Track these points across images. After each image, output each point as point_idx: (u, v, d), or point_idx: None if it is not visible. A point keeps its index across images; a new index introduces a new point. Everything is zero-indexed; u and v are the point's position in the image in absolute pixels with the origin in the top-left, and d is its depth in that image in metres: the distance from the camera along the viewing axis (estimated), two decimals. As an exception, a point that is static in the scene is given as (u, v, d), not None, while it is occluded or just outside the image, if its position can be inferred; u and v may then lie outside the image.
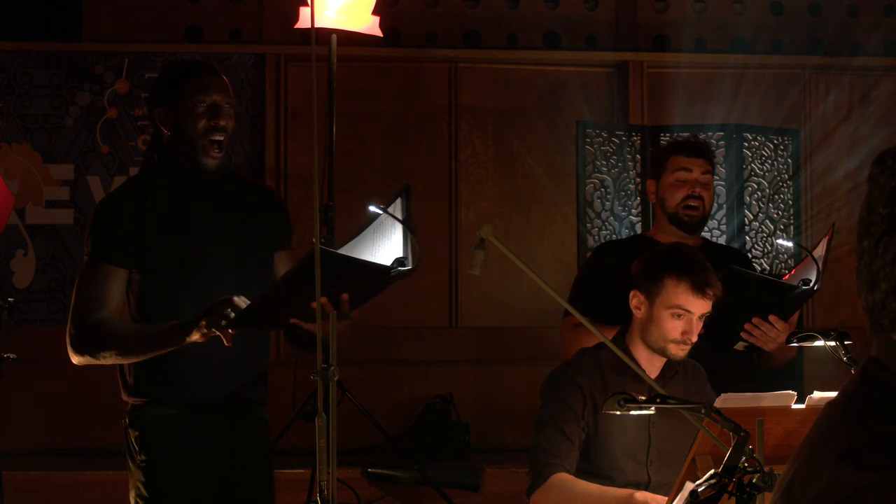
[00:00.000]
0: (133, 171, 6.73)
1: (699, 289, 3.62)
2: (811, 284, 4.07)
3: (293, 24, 5.59)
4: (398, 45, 7.06)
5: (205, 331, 3.36)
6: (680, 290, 3.62)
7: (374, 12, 5.42)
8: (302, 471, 5.23)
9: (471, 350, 6.77)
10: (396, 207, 3.45)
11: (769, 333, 4.13)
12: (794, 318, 4.19)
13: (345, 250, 3.41)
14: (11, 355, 4.56)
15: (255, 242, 3.69)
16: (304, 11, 5.39)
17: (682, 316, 3.64)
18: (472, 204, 6.92)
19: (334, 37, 5.27)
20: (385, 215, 3.43)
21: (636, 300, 3.70)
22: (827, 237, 4.22)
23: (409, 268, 3.35)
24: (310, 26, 3.51)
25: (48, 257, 6.71)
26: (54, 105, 6.76)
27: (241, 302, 3.33)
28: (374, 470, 5.65)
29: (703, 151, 4.46)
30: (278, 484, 3.84)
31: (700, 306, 3.64)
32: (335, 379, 3.28)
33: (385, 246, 3.41)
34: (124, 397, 3.67)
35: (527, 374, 6.19)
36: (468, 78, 6.99)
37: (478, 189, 6.95)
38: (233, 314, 3.32)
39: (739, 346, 4.19)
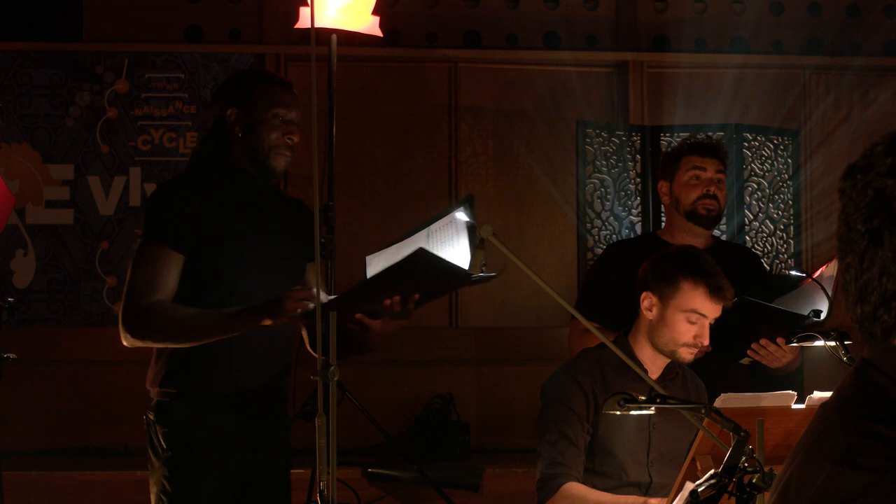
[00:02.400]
0: (133, 171, 6.73)
1: (715, 293, 3.62)
2: (821, 316, 4.09)
3: (293, 24, 5.59)
4: (398, 45, 7.06)
5: (277, 318, 3.41)
6: (697, 294, 3.62)
7: (374, 12, 5.42)
8: (302, 471, 5.22)
9: (471, 350, 6.76)
10: (460, 216, 3.50)
11: (775, 354, 4.15)
12: None
13: (396, 248, 3.46)
14: (11, 355, 4.55)
15: (294, 251, 3.76)
16: (304, 11, 5.39)
17: (697, 320, 3.64)
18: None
19: (334, 37, 5.27)
20: (444, 221, 3.48)
21: (648, 301, 3.69)
22: (836, 259, 4.23)
23: (491, 274, 3.41)
24: (310, 26, 3.51)
25: (48, 257, 6.71)
26: (54, 105, 6.76)
27: (321, 294, 3.39)
28: (374, 470, 5.65)
29: (716, 151, 4.50)
30: (278, 484, 3.85)
31: (714, 311, 3.65)
32: (335, 379, 3.29)
33: (447, 250, 3.45)
34: (150, 387, 3.66)
35: (527, 374, 6.19)
36: (468, 78, 6.99)
37: (478, 189, 6.95)
38: (311, 305, 3.37)
39: (745, 360, 4.21)
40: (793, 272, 6.34)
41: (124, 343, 3.60)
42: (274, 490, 3.72)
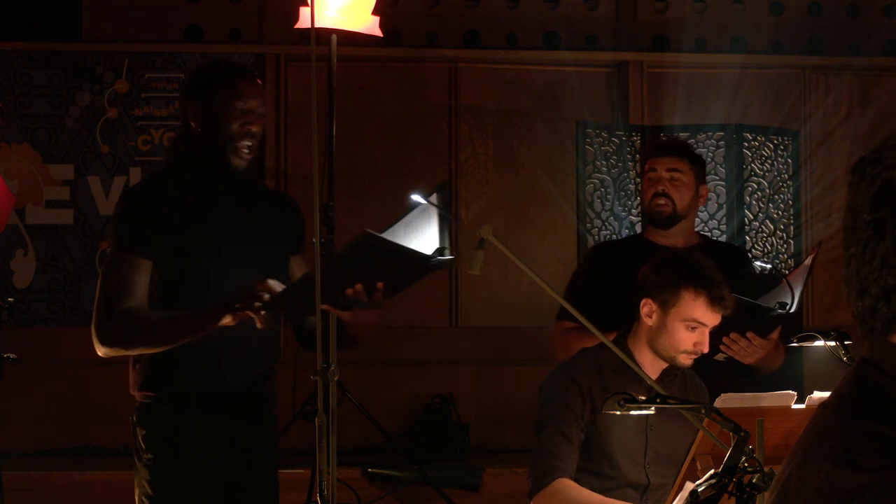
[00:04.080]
0: (133, 171, 6.73)
1: (716, 303, 3.61)
2: (786, 308, 4.09)
3: (293, 24, 5.59)
4: (398, 45, 7.06)
5: (237, 313, 3.37)
6: (697, 304, 3.61)
7: (374, 12, 5.42)
8: (302, 471, 5.23)
9: (471, 350, 6.77)
10: (433, 202, 3.47)
11: (747, 349, 4.15)
12: (775, 335, 4.19)
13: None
14: (11, 355, 4.56)
15: (274, 243, 3.72)
16: (304, 11, 5.39)
17: (697, 328, 3.63)
18: (472, 204, 6.92)
19: (334, 37, 5.27)
20: (418, 211, 3.44)
21: (648, 308, 3.67)
22: (812, 255, 4.26)
23: (449, 258, 3.36)
24: (310, 26, 3.51)
25: (48, 257, 6.71)
26: (54, 105, 6.77)
27: (276, 285, 3.35)
28: (374, 470, 5.65)
29: (667, 149, 4.49)
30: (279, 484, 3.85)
31: (714, 319, 3.64)
32: (335, 379, 3.28)
33: (419, 239, 3.42)
34: (132, 392, 3.66)
35: (527, 374, 6.19)
36: (468, 78, 6.99)
37: (478, 189, 6.95)
38: (267, 297, 3.34)
39: (719, 356, 4.20)
40: (757, 263, 6.33)
41: (99, 353, 3.59)
42: (262, 490, 3.70)
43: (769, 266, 5.96)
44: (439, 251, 3.34)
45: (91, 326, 3.57)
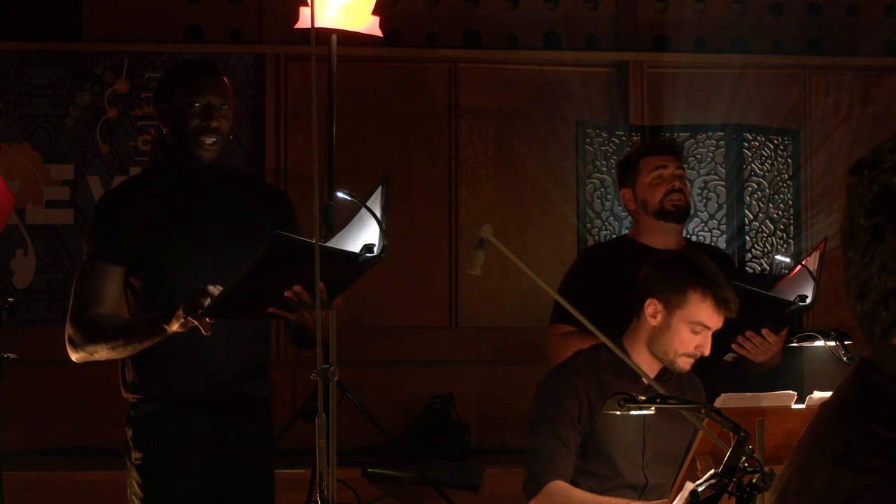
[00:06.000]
0: (133, 170, 6.73)
1: (722, 305, 3.58)
2: (807, 301, 4.06)
3: (293, 24, 5.60)
4: (398, 45, 7.06)
5: (182, 320, 3.37)
6: (704, 307, 3.58)
7: (374, 12, 5.43)
8: (302, 471, 5.23)
9: (471, 350, 6.77)
10: (376, 198, 3.45)
11: (761, 346, 4.12)
12: (784, 331, 4.17)
13: (333, 242, 3.42)
14: (11, 355, 4.56)
15: (258, 240, 3.68)
16: (304, 11, 5.40)
17: (700, 331, 3.61)
18: (472, 204, 6.91)
19: (334, 37, 5.28)
20: (363, 211, 3.43)
21: (653, 308, 3.64)
22: (818, 251, 4.21)
23: (375, 255, 3.34)
24: (310, 26, 3.52)
25: (48, 257, 6.71)
26: (54, 105, 6.76)
27: (216, 291, 3.34)
28: (374, 470, 5.65)
29: (672, 148, 4.51)
30: (278, 484, 3.84)
31: (718, 322, 3.61)
32: (335, 379, 3.28)
33: (365, 235, 3.41)
34: (123, 394, 3.68)
35: (527, 374, 6.18)
36: (468, 78, 6.99)
37: (478, 189, 6.95)
38: (207, 302, 3.34)
39: (729, 357, 4.17)
40: (778, 257, 6.32)
41: (73, 359, 3.65)
42: (253, 490, 3.69)
43: (788, 260, 5.95)
44: (367, 248, 3.33)
45: (65, 333, 3.63)
